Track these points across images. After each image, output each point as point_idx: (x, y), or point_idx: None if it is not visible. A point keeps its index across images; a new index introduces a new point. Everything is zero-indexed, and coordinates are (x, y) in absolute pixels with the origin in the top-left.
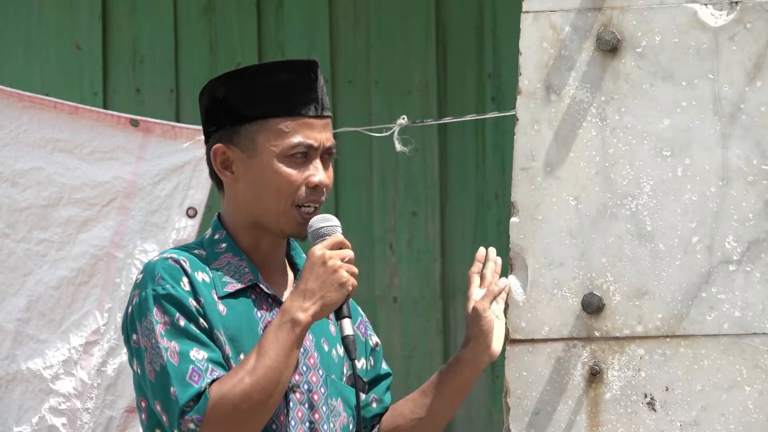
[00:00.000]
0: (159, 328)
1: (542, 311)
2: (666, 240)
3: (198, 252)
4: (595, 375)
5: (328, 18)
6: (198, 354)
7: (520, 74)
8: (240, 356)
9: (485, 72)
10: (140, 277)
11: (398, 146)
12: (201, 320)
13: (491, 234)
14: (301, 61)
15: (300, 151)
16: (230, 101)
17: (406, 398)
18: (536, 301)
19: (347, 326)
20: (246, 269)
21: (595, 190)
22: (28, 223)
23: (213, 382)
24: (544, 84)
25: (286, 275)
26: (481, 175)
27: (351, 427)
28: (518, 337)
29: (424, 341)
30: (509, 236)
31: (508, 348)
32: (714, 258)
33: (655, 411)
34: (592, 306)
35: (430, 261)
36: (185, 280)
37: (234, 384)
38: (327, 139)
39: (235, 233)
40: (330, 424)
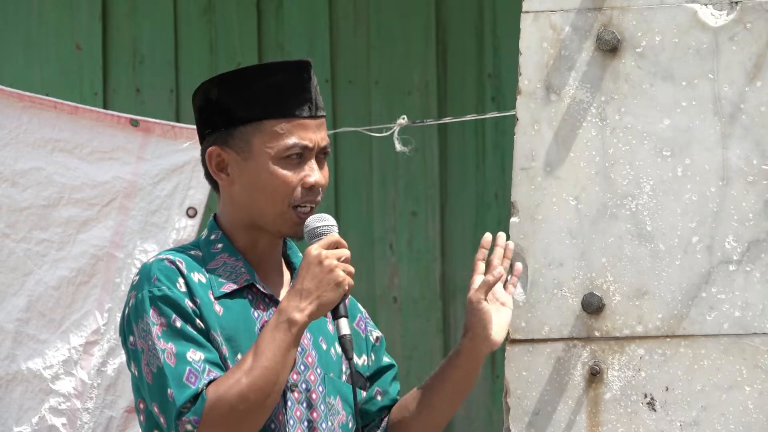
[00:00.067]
0: (155, 330)
1: (542, 311)
2: (666, 240)
3: (194, 253)
4: (595, 375)
5: (328, 18)
6: (195, 355)
7: (520, 74)
8: (237, 356)
9: (485, 72)
10: (136, 279)
11: (398, 146)
12: (197, 321)
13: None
14: (295, 62)
15: (295, 153)
16: (224, 103)
17: (411, 392)
18: (536, 301)
19: (344, 326)
20: (242, 269)
21: (595, 190)
22: (28, 223)
23: (210, 383)
24: (544, 84)
25: (283, 274)
26: (481, 175)
27: (350, 426)
28: (518, 337)
29: (424, 341)
30: (509, 236)
31: (508, 348)
32: (714, 258)
33: (655, 411)
34: (592, 306)
35: (430, 261)
36: (181, 281)
37: (231, 385)
38: (322, 139)
39: (232, 234)
40: (328, 423)
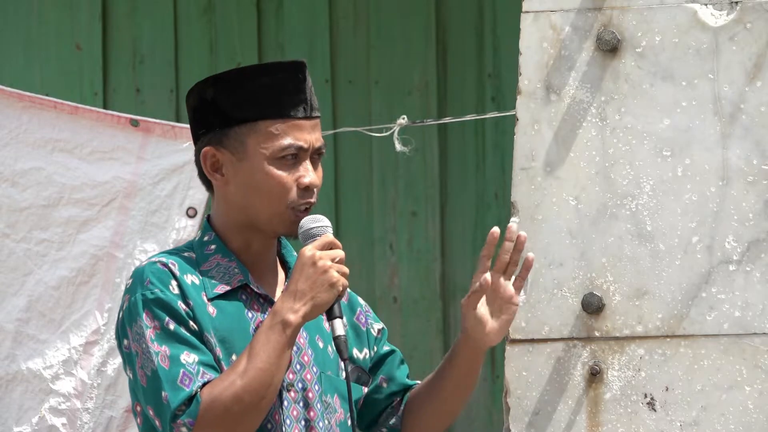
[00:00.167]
0: (149, 333)
1: (542, 311)
2: (666, 240)
3: (188, 254)
4: (595, 375)
5: (328, 18)
6: (188, 357)
7: (520, 74)
8: (232, 357)
9: (485, 72)
10: (130, 282)
11: (398, 146)
12: (191, 323)
13: None
14: (290, 62)
15: (290, 153)
16: (219, 103)
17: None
18: (536, 301)
19: (338, 327)
20: (235, 270)
21: (595, 190)
22: (28, 223)
23: (204, 385)
24: (544, 84)
25: (278, 274)
26: (481, 175)
27: (349, 423)
28: (518, 337)
29: (424, 341)
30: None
31: (508, 348)
32: (714, 258)
33: (655, 411)
34: (592, 306)
35: (430, 261)
36: (174, 284)
37: (225, 387)
38: (316, 140)
39: (225, 234)
40: (325, 422)
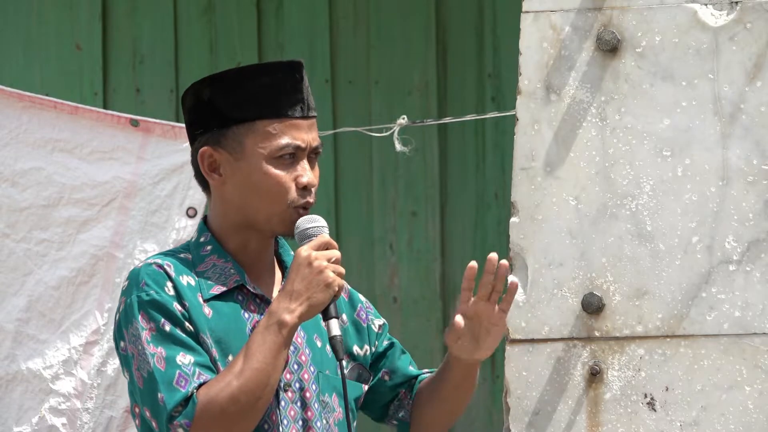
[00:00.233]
0: (145, 334)
1: (542, 311)
2: (666, 240)
3: (184, 256)
4: (595, 375)
5: (328, 18)
6: (184, 358)
7: (520, 74)
8: (228, 358)
9: (485, 72)
10: (126, 284)
11: (398, 146)
12: (186, 324)
13: (491, 234)
14: (287, 62)
15: (288, 153)
16: (216, 104)
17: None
18: (536, 301)
19: (334, 327)
20: (232, 271)
21: (595, 190)
22: (28, 223)
23: (200, 386)
24: (544, 84)
25: (275, 274)
26: (481, 175)
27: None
28: (518, 337)
29: (424, 341)
30: (509, 236)
31: (508, 348)
32: (714, 258)
33: (655, 411)
34: (592, 306)
35: (430, 261)
36: (169, 285)
37: (221, 387)
38: (313, 139)
39: (222, 235)
40: (323, 421)
